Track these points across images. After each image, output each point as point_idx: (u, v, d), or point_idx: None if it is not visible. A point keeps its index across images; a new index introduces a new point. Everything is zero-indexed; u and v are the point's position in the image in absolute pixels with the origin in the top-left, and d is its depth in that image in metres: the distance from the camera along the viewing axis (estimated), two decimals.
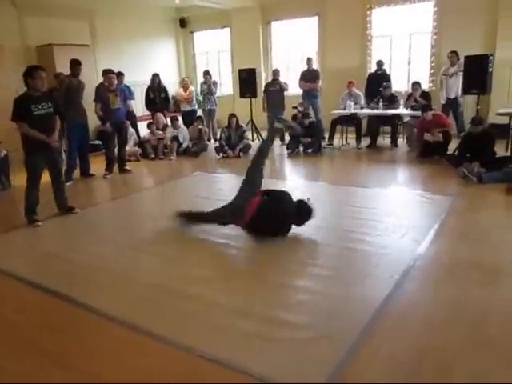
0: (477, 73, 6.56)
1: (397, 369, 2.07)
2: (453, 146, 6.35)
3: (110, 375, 2.14)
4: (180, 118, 8.86)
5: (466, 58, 6.79)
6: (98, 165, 6.95)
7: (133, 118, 8.42)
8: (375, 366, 2.10)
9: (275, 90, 8.61)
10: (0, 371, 2.23)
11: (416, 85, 7.62)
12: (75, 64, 6.37)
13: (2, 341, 2.51)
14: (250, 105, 9.16)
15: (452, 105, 7.66)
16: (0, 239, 4.18)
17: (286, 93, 8.72)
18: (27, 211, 4.54)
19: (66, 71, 6.55)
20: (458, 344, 2.23)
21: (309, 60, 8.71)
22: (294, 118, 7.95)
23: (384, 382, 1.99)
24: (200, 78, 10.01)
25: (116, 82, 6.69)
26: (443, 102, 7.75)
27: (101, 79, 6.79)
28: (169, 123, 8.76)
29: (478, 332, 2.34)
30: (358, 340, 2.27)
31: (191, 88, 9.51)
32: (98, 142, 8.31)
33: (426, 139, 6.51)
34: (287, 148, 7.80)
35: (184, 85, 9.59)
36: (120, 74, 8.11)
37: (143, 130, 8.63)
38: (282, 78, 8.81)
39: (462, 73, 7.12)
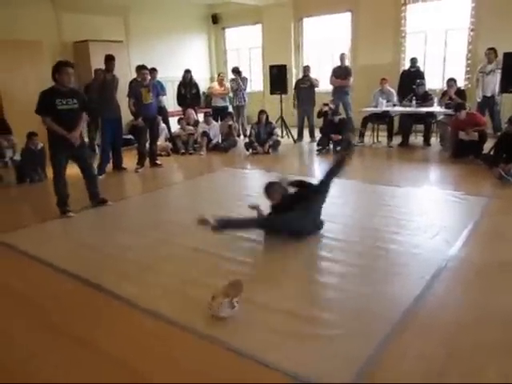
0: None
1: (426, 369, 2.04)
2: (488, 146, 6.18)
3: (136, 362, 2.19)
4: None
5: (506, 54, 6.59)
6: (129, 159, 7.08)
7: (164, 114, 8.55)
8: (403, 365, 2.07)
9: (306, 86, 8.57)
10: (31, 355, 2.31)
11: (451, 81, 7.42)
12: (109, 59, 6.51)
13: (33, 326, 2.59)
14: (281, 101, 9.14)
15: (488, 103, 7.45)
16: (36, 228, 4.33)
17: (316, 89, 8.67)
18: (58, 203, 4.69)
19: (101, 67, 6.69)
20: (488, 346, 2.18)
21: (342, 56, 8.62)
22: (321, 114, 7.89)
23: (412, 381, 1.96)
24: (230, 75, 10.04)
25: (149, 77, 6.79)
26: (479, 100, 7.55)
27: (134, 75, 6.90)
28: (200, 119, 8.85)
29: (510, 334, 2.27)
30: (387, 339, 2.25)
31: (227, 84, 9.54)
32: (130, 136, 8.48)
33: (461, 138, 6.35)
34: (317, 145, 7.75)
35: (220, 80, 9.64)
36: (153, 70, 8.23)
37: (174, 125, 8.75)
38: (312, 75, 8.75)
39: (499, 70, 6.92)
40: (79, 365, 2.21)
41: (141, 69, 6.62)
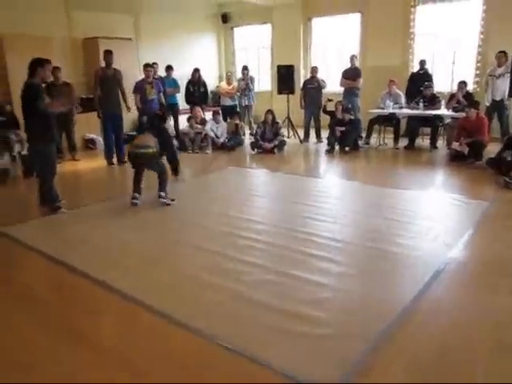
0: None
1: (417, 369, 2.05)
2: (495, 150, 6.11)
3: (134, 356, 2.23)
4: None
5: None
6: None
7: (176, 111, 8.70)
8: (396, 366, 2.08)
9: (313, 87, 8.54)
10: (30, 345, 2.35)
11: (462, 84, 7.36)
12: (106, 54, 6.69)
13: (34, 318, 2.63)
14: (287, 101, 9.13)
15: (497, 107, 7.37)
16: (40, 222, 4.38)
17: (323, 90, 8.65)
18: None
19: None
20: (480, 347, 2.19)
21: (352, 58, 8.59)
22: (325, 109, 7.93)
23: (404, 381, 1.97)
24: (239, 74, 10.04)
25: (152, 74, 7.13)
26: (488, 103, 7.46)
27: (143, 72, 7.11)
28: (207, 118, 8.87)
29: (502, 338, 2.28)
30: (380, 339, 2.25)
31: (235, 83, 9.54)
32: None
33: (453, 147, 6.37)
34: (327, 144, 7.73)
35: (228, 79, 9.65)
36: (169, 68, 8.63)
37: (182, 123, 8.81)
38: (320, 76, 8.74)
39: (509, 74, 6.85)
40: (77, 360, 2.23)
41: (145, 67, 7.00)
